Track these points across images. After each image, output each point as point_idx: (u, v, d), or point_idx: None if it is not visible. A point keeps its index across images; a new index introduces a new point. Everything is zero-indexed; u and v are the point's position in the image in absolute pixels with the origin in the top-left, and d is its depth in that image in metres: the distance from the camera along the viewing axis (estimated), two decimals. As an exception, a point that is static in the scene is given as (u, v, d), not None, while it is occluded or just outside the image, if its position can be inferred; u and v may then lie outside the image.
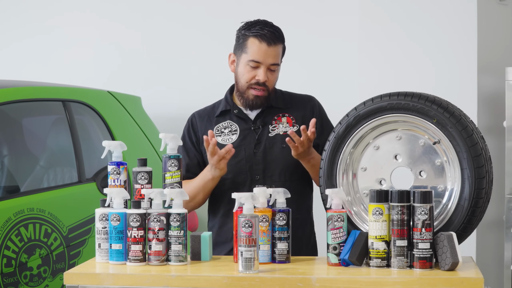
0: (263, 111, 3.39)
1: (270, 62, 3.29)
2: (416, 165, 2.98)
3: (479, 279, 2.64)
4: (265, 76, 3.29)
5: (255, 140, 3.36)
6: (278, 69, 3.35)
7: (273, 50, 3.29)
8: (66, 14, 6.00)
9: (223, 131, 3.39)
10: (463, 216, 2.85)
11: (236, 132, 3.38)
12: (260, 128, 3.38)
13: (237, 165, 3.34)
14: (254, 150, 3.35)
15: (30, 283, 3.91)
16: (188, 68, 5.81)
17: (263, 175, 3.34)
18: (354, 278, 2.69)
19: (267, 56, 3.28)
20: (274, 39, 3.29)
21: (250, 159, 3.35)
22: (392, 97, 2.96)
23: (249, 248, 2.73)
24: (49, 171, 4.39)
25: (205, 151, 3.33)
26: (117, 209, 2.93)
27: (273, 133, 3.37)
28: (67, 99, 4.54)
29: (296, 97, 3.49)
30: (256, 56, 3.29)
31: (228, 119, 3.41)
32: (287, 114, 3.41)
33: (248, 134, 3.38)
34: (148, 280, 2.75)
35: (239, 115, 3.40)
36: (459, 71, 5.01)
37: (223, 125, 3.41)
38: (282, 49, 3.36)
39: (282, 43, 3.35)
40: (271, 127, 3.38)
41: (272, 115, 3.40)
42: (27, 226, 3.93)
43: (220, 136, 3.38)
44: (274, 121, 3.39)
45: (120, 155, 3.09)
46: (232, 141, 3.36)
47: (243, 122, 3.39)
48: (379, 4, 5.17)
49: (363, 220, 3.00)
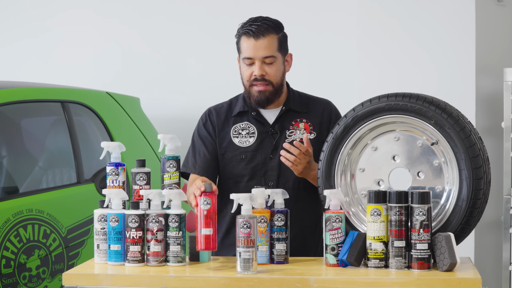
0: (281, 115, 3.35)
1: (261, 55, 3.25)
2: (414, 166, 2.98)
3: (477, 280, 2.65)
4: (260, 70, 3.25)
5: (272, 145, 3.33)
6: (277, 61, 3.28)
7: (262, 43, 3.25)
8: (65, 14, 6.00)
9: (241, 132, 3.35)
10: (461, 216, 2.86)
11: (254, 135, 3.34)
12: (278, 133, 3.33)
13: (253, 169, 3.32)
14: (270, 155, 3.32)
15: (29, 283, 3.91)
16: (188, 69, 5.81)
17: (277, 182, 3.30)
18: (352, 278, 2.70)
19: (256, 50, 3.25)
20: (262, 31, 3.24)
21: (265, 164, 3.32)
22: (390, 98, 2.97)
23: (248, 249, 2.74)
24: (48, 172, 4.39)
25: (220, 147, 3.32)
26: (115, 210, 2.93)
27: (289, 139, 3.32)
28: (65, 100, 4.55)
29: (313, 101, 3.44)
30: (247, 52, 3.26)
31: (246, 120, 3.36)
32: (304, 120, 3.36)
33: (266, 138, 3.34)
34: (146, 281, 2.76)
35: (257, 117, 3.35)
36: (457, 72, 5.01)
37: (240, 126, 3.36)
38: (277, 40, 3.28)
39: (275, 33, 3.27)
40: (288, 132, 3.34)
41: (290, 120, 3.36)
42: (26, 227, 3.93)
43: (237, 137, 3.35)
44: (291, 126, 3.35)
45: (119, 156, 3.09)
46: (249, 144, 3.33)
47: (261, 125, 3.35)
48: (378, 2, 5.18)
49: (361, 221, 3.00)
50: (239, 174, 3.29)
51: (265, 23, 3.27)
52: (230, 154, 3.33)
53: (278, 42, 3.28)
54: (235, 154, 3.32)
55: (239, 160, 3.33)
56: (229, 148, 3.34)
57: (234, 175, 3.31)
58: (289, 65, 3.37)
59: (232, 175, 3.31)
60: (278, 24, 3.31)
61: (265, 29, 3.25)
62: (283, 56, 3.32)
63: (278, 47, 3.29)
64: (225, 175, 3.33)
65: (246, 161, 3.32)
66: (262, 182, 3.30)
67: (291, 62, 3.37)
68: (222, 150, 3.35)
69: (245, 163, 3.32)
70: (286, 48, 3.35)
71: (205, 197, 2.83)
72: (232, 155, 3.33)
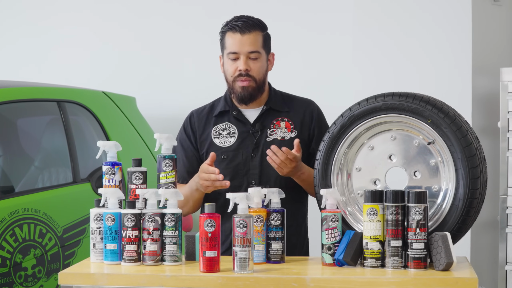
0: (262, 114, 3.38)
1: (247, 50, 3.29)
2: (411, 165, 2.98)
3: (474, 279, 2.65)
4: (245, 64, 3.28)
5: (253, 144, 3.35)
6: (262, 58, 3.32)
7: (248, 38, 3.29)
8: (61, 15, 5.99)
9: (221, 133, 3.37)
10: (458, 216, 2.86)
11: (235, 134, 3.36)
12: (259, 131, 3.36)
13: (234, 168, 3.33)
14: (251, 154, 3.34)
15: (25, 283, 3.91)
16: (184, 68, 5.81)
17: (259, 180, 3.31)
18: (349, 278, 2.70)
19: (242, 45, 3.28)
20: (248, 27, 3.29)
21: (247, 163, 3.33)
22: (387, 98, 2.97)
23: (244, 248, 2.74)
24: (43, 172, 4.39)
25: (202, 150, 3.34)
26: (111, 209, 2.93)
27: (271, 138, 3.35)
28: (61, 100, 4.54)
29: (295, 100, 3.46)
30: (232, 47, 3.30)
31: (227, 121, 3.39)
32: (286, 119, 3.38)
33: (247, 137, 3.36)
34: (142, 280, 2.75)
35: (238, 117, 3.38)
36: (453, 71, 5.01)
37: (221, 126, 3.39)
38: (262, 37, 3.33)
39: (259, 30, 3.32)
40: (270, 131, 3.36)
41: (271, 118, 3.38)
42: (22, 226, 3.93)
43: (218, 138, 3.37)
44: (272, 125, 3.37)
45: (115, 155, 3.09)
46: (230, 144, 3.35)
47: (241, 125, 3.37)
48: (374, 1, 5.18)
49: (358, 220, 3.00)
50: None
51: (251, 19, 3.34)
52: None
53: (262, 39, 3.34)
54: (216, 155, 3.30)
55: (221, 160, 3.33)
56: (211, 149, 3.35)
57: None
58: (271, 64, 3.41)
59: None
60: (262, 23, 3.37)
61: (250, 25, 3.31)
62: (266, 54, 3.36)
63: (263, 44, 3.34)
64: None
65: (227, 161, 3.33)
66: (245, 181, 3.32)
67: (273, 62, 3.43)
68: (203, 151, 3.37)
69: (226, 163, 3.33)
70: (269, 47, 3.40)
71: (209, 219, 2.81)
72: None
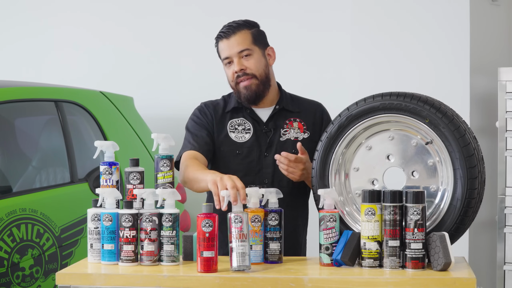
0: (274, 114, 3.37)
1: (236, 51, 3.29)
2: (409, 165, 2.98)
3: (472, 279, 2.64)
4: (239, 64, 3.29)
5: (266, 143, 3.34)
6: (255, 53, 3.31)
7: (235, 40, 3.30)
8: (59, 15, 5.99)
9: (237, 127, 3.36)
10: (456, 216, 2.86)
11: (250, 131, 3.35)
12: (272, 131, 3.35)
13: (248, 165, 3.32)
14: (265, 153, 3.33)
15: (22, 283, 3.90)
16: (181, 68, 5.81)
17: (272, 180, 3.31)
18: (347, 278, 2.69)
19: (230, 48, 3.30)
20: (232, 30, 3.30)
21: (260, 161, 3.33)
22: (385, 97, 2.96)
23: (242, 243, 2.74)
24: (41, 172, 4.38)
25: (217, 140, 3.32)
26: (109, 209, 2.92)
27: (284, 138, 3.35)
28: (59, 99, 4.54)
29: (305, 102, 3.46)
30: (223, 53, 3.32)
31: (242, 116, 3.38)
32: (298, 119, 3.38)
33: (261, 135, 3.35)
34: (140, 280, 2.75)
35: (251, 115, 3.37)
36: (452, 71, 5.01)
37: (236, 121, 3.38)
38: (251, 35, 3.32)
39: (246, 29, 3.32)
40: (283, 131, 3.36)
41: (283, 118, 3.38)
42: (19, 226, 3.92)
43: (233, 132, 3.35)
44: (285, 125, 3.37)
45: (112, 155, 3.08)
46: (245, 139, 3.34)
47: (255, 123, 3.37)
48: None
49: (356, 220, 3.00)
50: (234, 169, 3.27)
51: (235, 22, 3.35)
52: (226, 148, 3.34)
53: (252, 36, 3.33)
54: (230, 149, 3.32)
55: (235, 155, 3.33)
56: (225, 142, 3.34)
57: (229, 170, 3.28)
58: (272, 58, 3.40)
59: (227, 170, 3.29)
60: (248, 22, 3.37)
61: (234, 28, 3.32)
62: (261, 49, 3.35)
63: (253, 41, 3.33)
64: (220, 169, 3.29)
65: (241, 156, 3.33)
66: (257, 179, 3.31)
67: (274, 56, 3.41)
68: (218, 143, 3.36)
69: (240, 158, 3.32)
70: (264, 42, 3.39)
71: (207, 219, 2.80)
72: (227, 150, 3.34)
